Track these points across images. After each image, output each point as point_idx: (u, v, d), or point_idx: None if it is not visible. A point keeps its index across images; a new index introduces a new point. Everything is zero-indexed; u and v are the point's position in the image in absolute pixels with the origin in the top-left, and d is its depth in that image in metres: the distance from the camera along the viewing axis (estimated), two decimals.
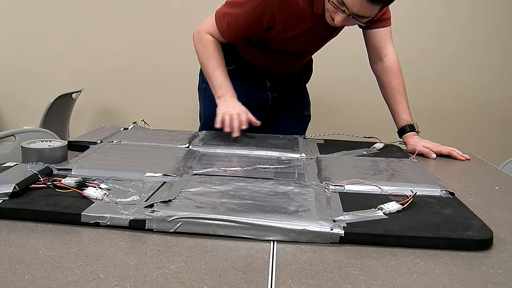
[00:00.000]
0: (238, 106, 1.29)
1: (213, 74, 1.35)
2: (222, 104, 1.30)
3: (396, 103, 1.41)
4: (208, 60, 1.36)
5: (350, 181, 0.91)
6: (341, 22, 1.21)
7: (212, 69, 1.35)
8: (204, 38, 1.37)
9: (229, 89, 1.33)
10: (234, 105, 1.29)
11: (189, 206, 0.74)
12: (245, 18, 1.29)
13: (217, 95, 1.34)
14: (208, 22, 1.37)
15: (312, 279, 0.58)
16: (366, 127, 2.02)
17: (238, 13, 1.29)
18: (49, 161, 0.96)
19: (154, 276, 0.57)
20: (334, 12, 1.20)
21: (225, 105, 1.29)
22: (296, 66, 1.54)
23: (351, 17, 1.18)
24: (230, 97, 1.32)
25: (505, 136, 2.75)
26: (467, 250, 0.68)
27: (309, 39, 1.38)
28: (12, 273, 0.57)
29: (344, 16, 1.18)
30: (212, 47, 1.36)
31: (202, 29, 1.38)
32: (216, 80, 1.34)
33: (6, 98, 2.90)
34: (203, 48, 1.37)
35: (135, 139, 1.25)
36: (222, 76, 1.34)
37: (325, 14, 1.26)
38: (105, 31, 2.76)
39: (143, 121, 1.47)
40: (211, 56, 1.36)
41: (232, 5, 1.31)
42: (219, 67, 1.35)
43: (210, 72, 1.36)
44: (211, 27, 1.36)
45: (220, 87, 1.33)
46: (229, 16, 1.32)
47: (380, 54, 1.43)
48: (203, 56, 1.37)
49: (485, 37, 2.64)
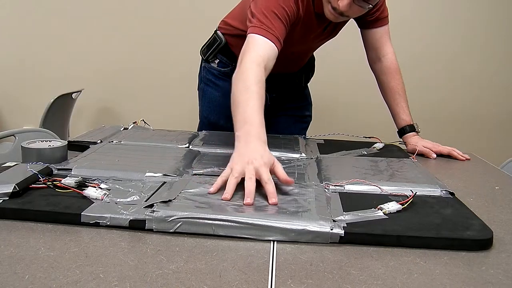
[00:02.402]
0: (262, 154, 0.87)
1: (244, 105, 0.98)
2: (237, 152, 0.90)
3: (396, 104, 1.41)
4: (246, 88, 1.01)
5: (350, 181, 0.91)
6: (346, 6, 1.14)
7: (246, 99, 0.99)
8: (248, 68, 1.06)
9: (255, 127, 0.93)
10: (255, 152, 0.87)
11: (189, 206, 0.74)
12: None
13: (236, 134, 0.95)
14: (251, 49, 1.10)
15: (312, 279, 0.58)
16: (366, 127, 2.02)
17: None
18: (49, 161, 0.96)
19: (154, 276, 0.57)
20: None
21: (241, 151, 0.89)
22: (295, 66, 1.52)
23: (357, 0, 1.13)
24: (253, 137, 0.91)
25: (505, 136, 2.75)
26: (467, 250, 0.68)
27: (310, 40, 1.37)
28: (12, 273, 0.57)
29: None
30: (257, 75, 1.04)
31: (245, 63, 1.07)
32: (245, 112, 0.96)
33: (6, 98, 2.90)
34: (244, 74, 1.04)
35: (135, 139, 1.25)
36: (252, 110, 0.97)
37: (324, 9, 1.20)
38: (105, 31, 2.76)
39: (143, 121, 1.47)
40: (253, 85, 1.01)
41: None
42: (256, 99, 0.99)
43: (241, 101, 0.99)
44: (258, 47, 1.10)
45: (243, 123, 0.95)
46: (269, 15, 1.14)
47: (378, 54, 1.43)
48: (240, 81, 1.03)
49: (485, 38, 2.64)
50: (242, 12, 1.31)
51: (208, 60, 1.51)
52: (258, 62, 1.07)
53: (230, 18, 1.45)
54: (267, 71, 1.10)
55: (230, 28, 1.43)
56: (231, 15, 1.46)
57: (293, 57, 1.45)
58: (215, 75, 1.51)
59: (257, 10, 1.14)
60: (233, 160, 0.88)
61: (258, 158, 0.85)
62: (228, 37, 1.45)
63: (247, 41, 1.12)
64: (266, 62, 1.09)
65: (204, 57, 1.52)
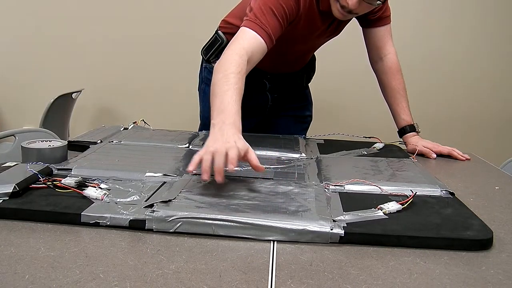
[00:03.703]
0: (234, 139, 0.89)
1: (222, 94, 0.99)
2: (212, 136, 0.91)
3: (396, 104, 1.41)
4: (226, 77, 1.02)
5: (350, 181, 0.91)
6: (356, 4, 1.14)
7: (225, 89, 0.99)
8: (231, 58, 1.07)
9: (231, 115, 0.95)
10: (228, 137, 0.89)
11: (189, 206, 0.74)
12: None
13: (211, 122, 0.96)
14: (236, 41, 1.11)
15: (312, 279, 0.58)
16: (366, 127, 2.02)
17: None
18: (49, 161, 0.96)
19: (154, 276, 0.57)
20: None
21: (214, 139, 0.90)
22: (297, 65, 1.52)
23: None
24: (228, 125, 0.92)
25: (505, 136, 2.75)
26: (467, 250, 0.68)
27: (313, 38, 1.36)
28: (12, 273, 0.57)
29: None
30: (238, 66, 1.04)
31: (230, 52, 1.09)
32: (223, 102, 0.97)
33: (6, 98, 2.90)
34: (224, 65, 1.05)
35: (135, 139, 1.25)
36: (229, 99, 0.98)
37: (332, 7, 1.20)
38: (105, 31, 2.76)
39: (143, 121, 1.47)
40: (232, 75, 1.02)
41: None
42: (233, 89, 1.00)
43: (220, 91, 1.00)
44: (245, 40, 1.11)
45: (219, 112, 0.96)
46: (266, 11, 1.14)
47: (380, 53, 1.43)
48: (220, 72, 1.04)
49: (485, 39, 2.64)
50: (243, 10, 1.30)
51: (209, 60, 1.50)
52: (241, 54, 1.07)
53: (231, 16, 1.44)
54: (251, 65, 1.10)
55: (231, 27, 1.41)
56: (232, 13, 1.45)
57: (296, 56, 1.45)
58: None
59: (255, 5, 1.15)
60: (206, 145, 0.89)
61: (232, 142, 0.87)
62: (229, 36, 1.42)
63: (237, 33, 1.13)
64: (250, 55, 1.09)
65: (205, 57, 1.51)
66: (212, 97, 1.01)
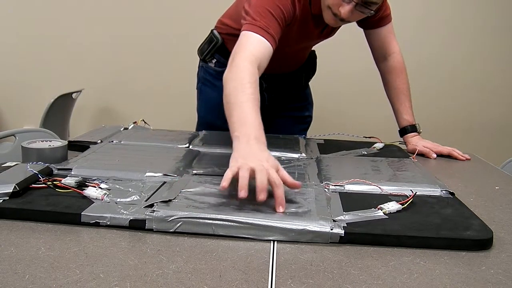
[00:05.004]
0: (265, 157, 0.83)
1: (240, 105, 0.95)
2: (239, 151, 0.85)
3: (400, 103, 1.40)
4: (242, 86, 0.98)
5: (350, 181, 0.91)
6: (348, 13, 1.12)
7: (242, 100, 0.95)
8: (242, 66, 1.03)
9: (255, 129, 0.90)
10: (258, 155, 0.83)
11: (189, 206, 0.74)
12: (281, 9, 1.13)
13: (234, 135, 0.91)
14: (243, 47, 1.07)
15: (312, 279, 0.58)
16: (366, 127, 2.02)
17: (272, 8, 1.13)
18: (49, 161, 0.96)
19: (154, 276, 0.57)
20: (338, 5, 1.13)
21: (244, 154, 0.84)
22: (292, 65, 1.49)
23: (359, 6, 1.12)
24: (254, 139, 0.87)
25: (505, 137, 2.75)
26: (467, 250, 0.68)
27: (306, 41, 1.35)
28: (12, 273, 0.57)
29: (351, 6, 1.11)
30: (252, 75, 1.01)
31: (238, 60, 1.05)
32: (242, 113, 0.93)
33: (6, 98, 2.90)
34: (237, 73, 1.01)
35: (135, 139, 1.25)
36: (250, 110, 0.93)
37: (324, 14, 1.20)
38: (105, 31, 2.76)
39: (143, 121, 1.47)
40: (248, 84, 0.98)
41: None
42: (252, 100, 0.96)
43: (237, 102, 0.95)
44: (251, 45, 1.07)
45: (241, 124, 0.91)
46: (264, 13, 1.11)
47: (384, 53, 1.42)
48: (234, 81, 1.00)
49: (486, 41, 2.64)
50: (236, 11, 1.29)
51: (205, 60, 1.49)
52: (251, 61, 1.03)
53: (226, 17, 1.42)
54: (261, 71, 1.07)
55: (226, 28, 1.40)
56: (227, 14, 1.44)
57: (289, 56, 1.42)
58: (213, 75, 1.48)
59: (251, 8, 1.12)
60: (237, 160, 0.83)
61: (264, 160, 0.81)
62: (225, 36, 1.42)
63: (240, 38, 1.09)
64: (259, 61, 1.05)
65: (201, 56, 1.50)
66: (228, 107, 0.97)
